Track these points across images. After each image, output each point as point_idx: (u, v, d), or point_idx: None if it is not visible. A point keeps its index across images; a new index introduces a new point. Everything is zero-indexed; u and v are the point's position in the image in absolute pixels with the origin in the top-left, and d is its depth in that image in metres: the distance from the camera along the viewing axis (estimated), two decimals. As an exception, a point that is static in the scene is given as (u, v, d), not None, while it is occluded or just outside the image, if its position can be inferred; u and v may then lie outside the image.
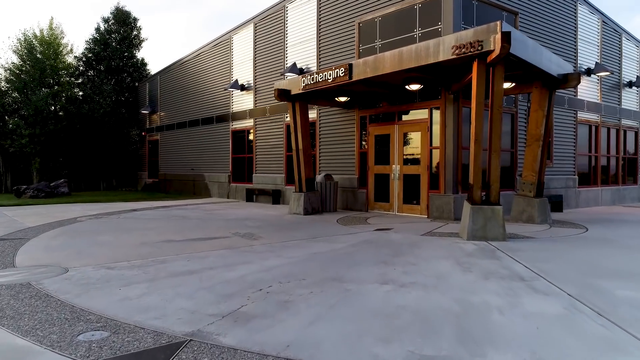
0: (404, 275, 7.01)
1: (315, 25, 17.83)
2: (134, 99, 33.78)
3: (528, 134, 12.73)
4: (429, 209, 14.06)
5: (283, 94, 15.07)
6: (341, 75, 12.78)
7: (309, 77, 13.95)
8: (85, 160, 32.09)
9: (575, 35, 17.30)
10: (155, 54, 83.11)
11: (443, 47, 10.18)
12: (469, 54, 9.68)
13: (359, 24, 16.04)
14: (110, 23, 34.85)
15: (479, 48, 9.49)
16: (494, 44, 9.25)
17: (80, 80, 33.82)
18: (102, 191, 31.43)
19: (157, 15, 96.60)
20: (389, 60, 11.46)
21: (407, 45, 14.09)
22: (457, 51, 9.86)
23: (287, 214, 15.65)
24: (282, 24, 19.53)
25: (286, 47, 19.36)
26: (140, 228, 12.46)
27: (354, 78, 12.48)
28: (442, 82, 13.26)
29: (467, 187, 13.56)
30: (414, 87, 13.05)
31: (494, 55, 9.33)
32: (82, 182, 32.88)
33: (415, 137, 14.55)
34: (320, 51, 17.64)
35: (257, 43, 21.04)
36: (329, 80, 13.21)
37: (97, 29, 34.47)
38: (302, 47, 18.54)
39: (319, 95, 15.37)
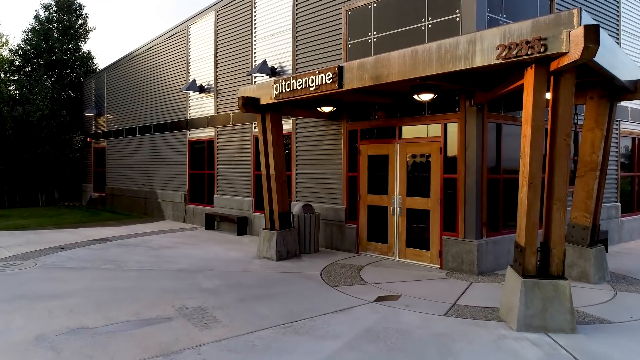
0: None
1: (292, 12, 14.75)
2: (77, 98, 30.21)
3: (580, 161, 9.88)
4: (442, 256, 11.13)
5: (250, 104, 11.98)
6: (328, 82, 9.75)
7: (284, 83, 10.88)
8: (21, 171, 28.48)
9: (618, 26, 14.57)
10: (114, 48, 78.79)
11: (481, 46, 7.21)
12: (524, 57, 6.73)
13: (347, 11, 13.01)
14: (51, 10, 31.26)
15: (542, 49, 6.55)
16: (568, 43, 6.31)
17: (16, 77, 30.18)
18: (39, 207, 27.91)
19: (119, 3, 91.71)
20: (397, 64, 8.45)
21: (412, 39, 11.23)
22: (504, 53, 6.91)
23: (256, 258, 12.57)
24: (250, 11, 16.40)
25: (255, 41, 16.25)
26: (50, 294, 9.28)
27: (346, 87, 9.47)
28: (464, 89, 10.33)
29: (493, 227, 10.77)
30: (426, 97, 10.10)
31: (567, 60, 6.39)
32: (18, 196, 29.28)
33: (424, 160, 11.61)
34: (297, 46, 14.57)
35: (220, 35, 17.86)
36: (310, 89, 10.17)
37: (37, 17, 30.87)
38: (274, 40, 15.45)
39: (297, 103, 12.32)
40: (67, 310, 8.27)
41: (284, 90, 10.90)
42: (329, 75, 9.70)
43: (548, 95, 7.14)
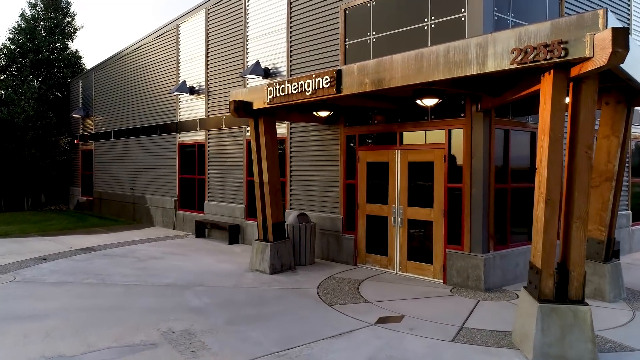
0: None
1: (286, 10, 14.18)
2: (65, 98, 29.52)
3: (595, 171, 9.34)
4: (446, 270, 10.59)
5: (242, 108, 11.40)
6: (325, 86, 9.17)
7: (278, 87, 10.31)
8: (5, 175, 27.76)
9: (629, 25, 14.03)
10: (103, 47, 77.83)
11: (494, 49, 6.66)
12: (542, 62, 6.18)
13: (345, 10, 12.46)
14: (38, 8, 30.51)
15: (562, 54, 6.00)
16: (592, 47, 5.76)
17: (1, 77, 29.44)
18: (25, 212, 27.24)
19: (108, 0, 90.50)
20: (401, 67, 7.89)
21: (413, 40, 10.72)
22: (520, 57, 6.35)
23: (248, 272, 11.99)
24: (242, 9, 15.81)
25: (247, 40, 15.66)
26: (28, 314, 8.70)
27: (345, 92, 8.90)
28: (470, 94, 9.79)
29: (500, 240, 10.26)
30: (429, 102, 9.53)
31: (590, 65, 5.84)
32: (3, 200, 28.56)
33: (426, 169, 11.05)
34: (291, 46, 14.00)
35: (210, 34, 17.27)
36: (307, 93, 9.60)
37: (22, 15, 30.11)
38: (267, 40, 14.87)
39: (292, 107, 11.75)
40: (44, 335, 7.69)
41: (278, 95, 10.32)
42: (326, 79, 9.12)
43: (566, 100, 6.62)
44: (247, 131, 15.46)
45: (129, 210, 22.67)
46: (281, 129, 14.15)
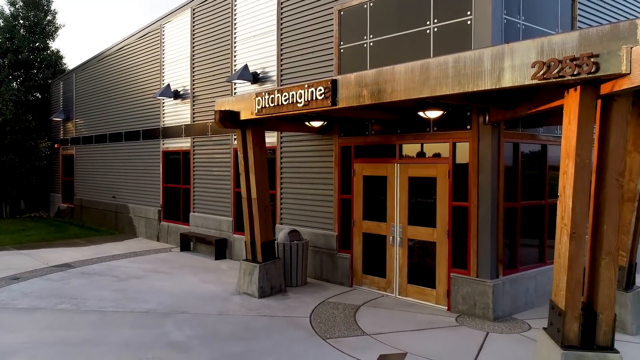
0: None
1: (276, 11, 13.42)
2: (45, 100, 28.61)
3: (613, 191, 8.64)
4: (450, 296, 9.87)
5: (228, 118, 10.64)
6: (319, 97, 8.42)
7: (267, 96, 9.55)
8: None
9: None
10: (89, 46, 76.60)
11: (511, 62, 5.93)
12: (569, 78, 5.46)
13: (339, 11, 11.72)
14: (17, 6, 29.55)
15: (593, 70, 5.28)
16: (629, 62, 5.05)
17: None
18: (3, 219, 26.30)
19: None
20: (404, 79, 7.16)
21: (414, 44, 10.03)
22: (542, 72, 5.63)
23: (235, 294, 11.24)
24: (230, 9, 15.04)
25: (235, 43, 14.89)
26: (-15, 354, 7.92)
27: (341, 104, 8.16)
28: (478, 106, 9.08)
29: (509, 264, 9.57)
30: (433, 114, 8.84)
31: (626, 83, 5.14)
32: (-20, 207, 27.67)
33: (428, 185, 10.33)
34: (282, 49, 13.25)
35: (196, 35, 16.48)
36: (298, 105, 8.85)
37: (1, 14, 29.15)
38: (256, 42, 14.10)
39: (282, 117, 10.98)
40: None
41: (267, 105, 9.57)
42: (320, 90, 8.37)
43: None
44: (235, 139, 14.70)
45: (111, 219, 21.83)
46: (271, 138, 13.40)
